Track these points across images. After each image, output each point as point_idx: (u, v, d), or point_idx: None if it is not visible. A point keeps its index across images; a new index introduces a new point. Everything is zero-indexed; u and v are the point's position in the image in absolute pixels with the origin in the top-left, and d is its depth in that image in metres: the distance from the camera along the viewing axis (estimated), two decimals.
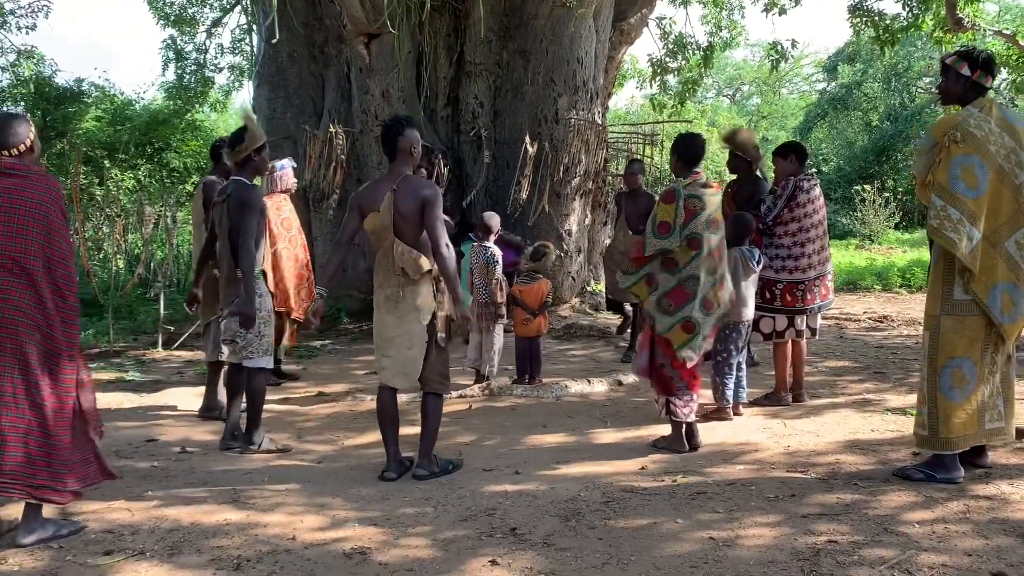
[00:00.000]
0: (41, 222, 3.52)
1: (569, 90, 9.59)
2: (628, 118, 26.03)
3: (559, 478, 4.38)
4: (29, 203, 3.50)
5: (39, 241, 3.51)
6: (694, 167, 4.79)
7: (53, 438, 3.52)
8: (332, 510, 3.95)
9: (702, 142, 4.94)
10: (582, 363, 7.65)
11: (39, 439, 3.49)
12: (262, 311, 4.86)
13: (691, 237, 4.62)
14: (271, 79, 10.21)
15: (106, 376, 7.11)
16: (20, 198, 3.50)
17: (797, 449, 4.79)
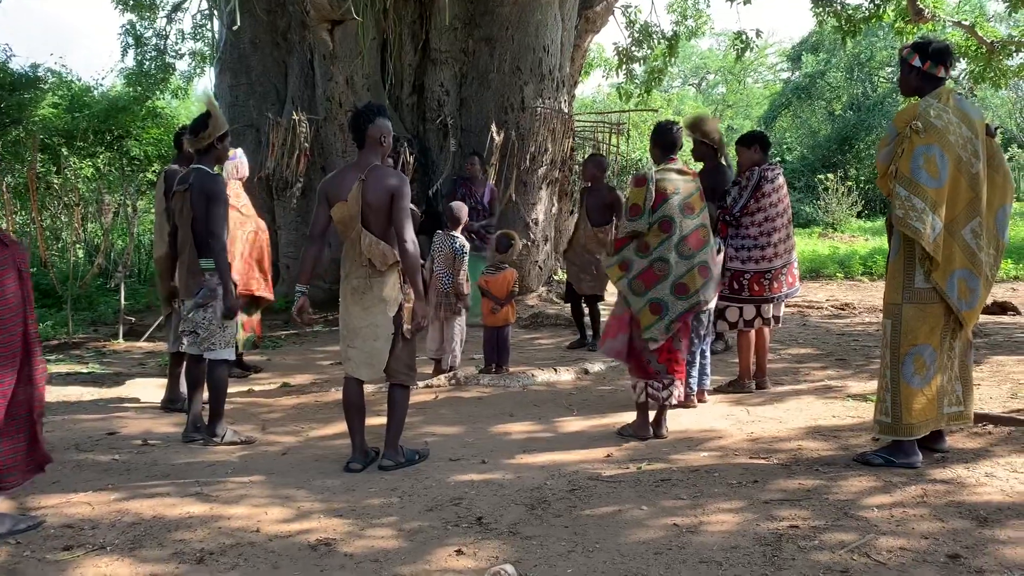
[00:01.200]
0: None
1: (535, 78, 9.58)
2: (594, 106, 26.09)
3: (525, 467, 4.39)
4: None
5: None
6: (670, 154, 4.85)
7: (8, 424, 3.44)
8: (297, 502, 3.92)
9: (679, 130, 4.98)
10: (549, 352, 7.67)
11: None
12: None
13: (662, 220, 4.67)
14: (233, 66, 10.07)
15: (65, 368, 6.99)
16: None
17: (760, 436, 4.85)
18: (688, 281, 4.70)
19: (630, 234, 4.74)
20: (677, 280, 4.68)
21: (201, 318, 4.76)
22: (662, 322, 4.67)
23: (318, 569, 3.16)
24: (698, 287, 4.73)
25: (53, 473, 4.32)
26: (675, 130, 4.94)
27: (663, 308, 4.67)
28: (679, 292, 4.69)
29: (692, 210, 4.74)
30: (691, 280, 4.71)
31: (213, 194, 4.70)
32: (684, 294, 4.70)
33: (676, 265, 4.67)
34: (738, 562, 3.11)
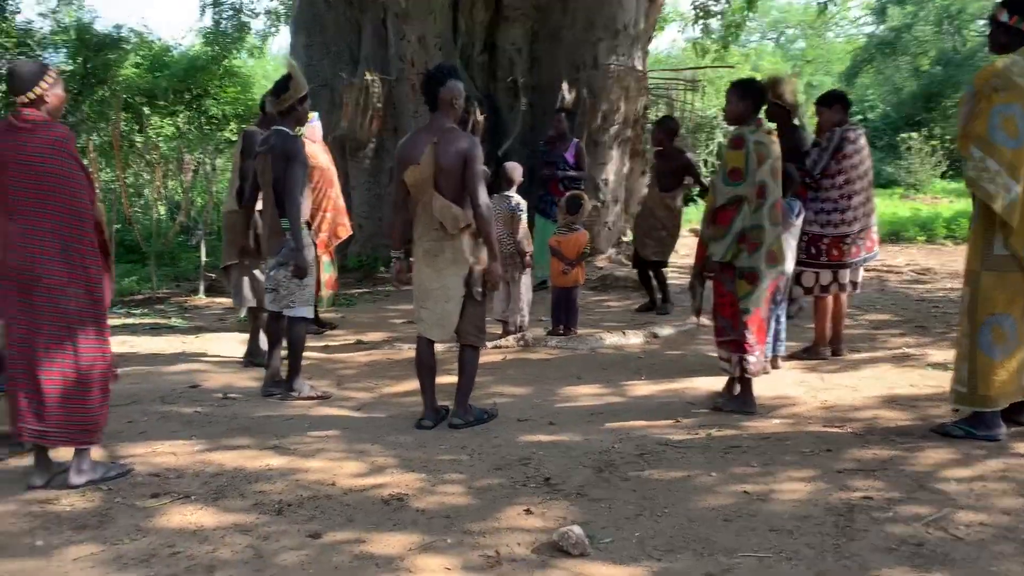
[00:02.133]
0: (55, 173, 3.49)
1: (609, 35, 9.41)
2: (669, 62, 25.53)
3: (593, 429, 4.41)
4: (39, 156, 3.48)
5: (58, 192, 3.49)
6: (758, 112, 4.62)
7: (87, 387, 3.59)
8: (371, 456, 4.02)
9: (765, 86, 4.82)
10: (617, 315, 7.64)
11: (74, 390, 3.56)
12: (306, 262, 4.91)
13: (760, 185, 4.45)
14: (307, 25, 10.16)
15: (150, 322, 7.27)
16: (30, 152, 3.47)
17: (834, 404, 4.76)
18: (776, 249, 4.54)
19: (734, 200, 4.47)
20: (769, 248, 4.50)
21: (282, 276, 4.89)
22: (757, 291, 4.51)
23: (391, 523, 3.25)
24: (785, 255, 4.60)
25: (139, 424, 4.55)
26: (764, 87, 4.73)
27: (759, 277, 4.50)
28: (770, 260, 4.51)
29: (778, 174, 4.54)
30: (778, 247, 4.55)
31: (292, 155, 4.79)
32: (774, 263, 4.53)
33: (769, 232, 4.49)
34: (809, 532, 3.09)
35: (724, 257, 4.51)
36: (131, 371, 5.67)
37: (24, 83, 3.51)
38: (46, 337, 3.51)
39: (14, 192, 3.50)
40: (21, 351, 3.54)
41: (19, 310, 3.53)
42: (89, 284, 3.57)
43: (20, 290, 3.52)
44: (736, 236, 4.48)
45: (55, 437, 3.58)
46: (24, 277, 3.51)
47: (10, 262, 3.53)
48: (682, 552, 2.96)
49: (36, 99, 3.53)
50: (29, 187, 3.49)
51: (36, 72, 3.56)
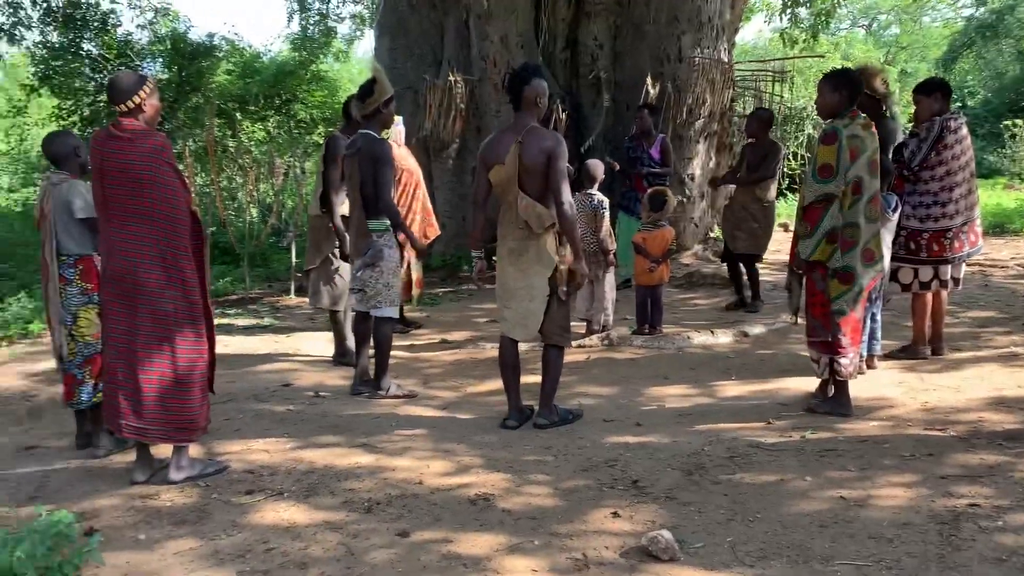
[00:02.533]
0: (153, 181, 3.60)
1: (693, 27, 9.24)
2: (756, 53, 24.91)
3: (681, 431, 4.34)
4: (138, 164, 3.58)
5: (156, 199, 3.60)
6: (853, 104, 4.39)
7: (185, 386, 3.71)
8: (457, 456, 4.05)
9: (861, 77, 4.58)
10: (705, 313, 7.50)
11: (172, 389, 3.68)
12: (391, 263, 4.97)
13: (855, 180, 4.28)
14: (391, 28, 10.29)
15: (243, 322, 7.49)
16: (129, 160, 3.59)
17: (936, 405, 4.56)
18: (874, 246, 4.35)
19: (823, 197, 4.32)
20: (865, 246, 4.32)
21: (368, 276, 4.97)
22: (852, 292, 4.34)
23: (478, 523, 3.25)
24: (882, 252, 4.41)
25: (235, 421, 4.69)
26: (860, 78, 4.49)
27: (854, 277, 4.33)
28: (867, 259, 4.33)
29: (876, 168, 4.34)
30: (876, 246, 4.36)
31: (379, 157, 4.86)
32: (871, 261, 4.35)
33: (865, 230, 4.31)
34: (911, 540, 2.96)
35: (811, 256, 4.37)
36: (227, 370, 5.85)
37: (123, 93, 3.64)
38: (145, 338, 3.65)
39: (114, 200, 3.64)
40: (121, 351, 3.69)
41: (120, 312, 3.68)
42: (185, 287, 3.69)
43: (121, 293, 3.67)
44: (825, 234, 4.33)
45: (154, 434, 3.72)
46: (125, 281, 3.65)
47: (111, 266, 3.68)
48: (776, 559, 2.87)
49: (134, 108, 3.66)
50: (128, 194, 3.61)
51: (135, 82, 3.68)
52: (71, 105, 14.22)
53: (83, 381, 4.27)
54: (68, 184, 4.22)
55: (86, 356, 4.25)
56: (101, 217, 3.73)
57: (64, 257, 4.21)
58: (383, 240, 4.97)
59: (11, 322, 7.05)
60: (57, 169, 4.31)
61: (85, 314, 4.22)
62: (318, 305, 6.06)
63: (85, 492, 3.70)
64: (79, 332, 4.23)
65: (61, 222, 4.18)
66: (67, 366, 4.27)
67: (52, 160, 4.33)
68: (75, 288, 4.22)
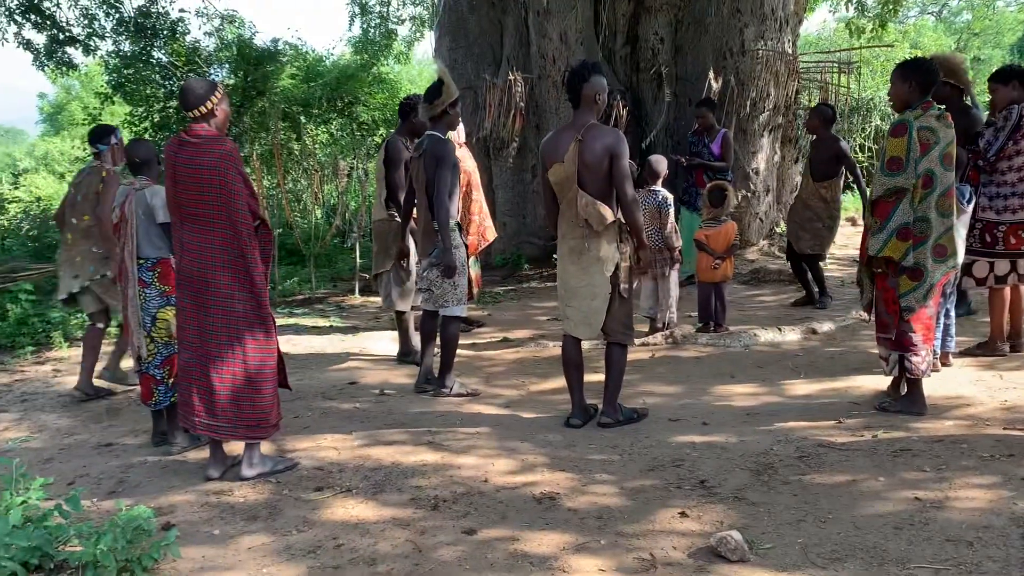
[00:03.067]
0: (222, 186, 3.67)
1: (756, 19, 9.09)
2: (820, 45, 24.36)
3: (749, 430, 4.27)
4: (208, 169, 3.67)
5: (223, 206, 3.68)
6: (926, 95, 4.27)
7: (256, 385, 3.80)
8: (521, 454, 4.05)
9: (936, 67, 4.36)
10: (771, 310, 7.36)
11: (244, 387, 3.77)
12: (457, 263, 5.01)
13: (925, 174, 4.17)
14: (451, 29, 10.36)
15: (310, 322, 7.63)
16: (200, 165, 3.68)
17: (1016, 404, 4.39)
18: (947, 242, 4.23)
19: (892, 191, 4.22)
20: (936, 241, 4.21)
21: (435, 276, 5.02)
22: (921, 289, 4.24)
23: (543, 522, 3.26)
24: (956, 247, 4.26)
25: (303, 419, 4.78)
26: (935, 68, 4.31)
27: (923, 273, 4.22)
28: (938, 255, 4.22)
29: (951, 161, 4.20)
30: (949, 241, 4.23)
31: (441, 157, 4.89)
32: (943, 256, 4.23)
33: (936, 225, 4.20)
34: (991, 543, 2.86)
35: (881, 251, 4.26)
36: (295, 369, 5.97)
37: (196, 99, 3.73)
38: (217, 337, 3.75)
39: (186, 203, 3.74)
40: (195, 350, 3.80)
41: (192, 312, 3.79)
42: (254, 289, 3.77)
43: (193, 293, 3.77)
44: (895, 230, 4.22)
45: (227, 431, 3.82)
46: (195, 282, 3.76)
47: (184, 267, 3.79)
48: (849, 561, 2.81)
49: (206, 113, 3.75)
50: (199, 199, 3.71)
51: (206, 88, 3.77)
52: (142, 112, 14.66)
53: (162, 381, 4.40)
54: (151, 189, 4.35)
55: (165, 356, 4.38)
56: (174, 220, 3.84)
57: (143, 260, 4.34)
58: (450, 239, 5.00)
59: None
60: (136, 175, 4.45)
61: (163, 315, 4.35)
62: (391, 307, 6.11)
63: (162, 488, 3.82)
64: (158, 333, 4.36)
65: (143, 226, 4.32)
66: (146, 367, 4.40)
67: (134, 165, 4.46)
68: (154, 291, 4.35)
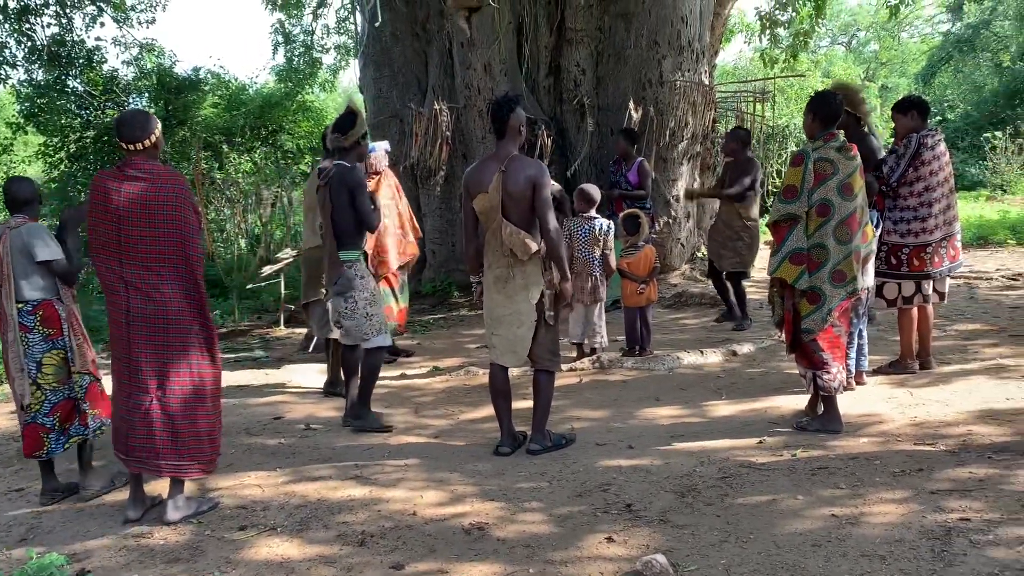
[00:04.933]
0: (179, 221, 3.59)
1: (674, 51, 9.35)
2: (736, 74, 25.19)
3: (673, 452, 4.35)
4: (164, 204, 3.58)
5: (177, 241, 3.60)
6: (829, 127, 4.48)
7: (191, 419, 3.72)
8: (450, 485, 4.05)
9: (840, 100, 4.57)
10: (695, 332, 7.53)
11: (180, 421, 3.69)
12: (365, 292, 4.97)
13: (820, 203, 4.38)
14: (376, 58, 10.37)
15: (234, 355, 7.47)
16: (152, 200, 3.57)
17: (925, 420, 4.58)
18: (845, 268, 4.42)
19: (785, 218, 4.43)
20: (835, 267, 4.40)
21: (343, 308, 4.98)
22: (820, 312, 4.42)
23: (472, 553, 3.25)
24: (855, 273, 4.45)
25: (227, 456, 4.67)
26: (837, 101, 4.54)
27: (821, 297, 4.41)
28: (836, 280, 4.41)
29: (851, 191, 4.41)
30: (848, 267, 4.42)
31: (356, 184, 4.88)
32: (842, 282, 4.42)
33: (834, 251, 4.39)
34: (903, 556, 2.98)
35: (776, 272, 4.48)
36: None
37: (142, 131, 3.59)
38: (180, 378, 3.67)
39: (135, 241, 3.58)
40: (143, 387, 3.67)
41: (142, 349, 3.64)
42: (207, 323, 3.72)
43: (149, 334, 3.63)
44: (788, 254, 4.43)
45: (170, 466, 3.71)
46: (153, 321, 3.62)
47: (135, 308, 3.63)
48: None
49: (150, 147, 3.61)
50: (152, 235, 3.57)
51: (150, 120, 3.64)
52: (57, 142, 14.25)
53: (52, 429, 4.10)
54: (27, 227, 4.06)
55: (54, 403, 4.10)
56: (112, 259, 3.65)
57: (22, 304, 4.05)
58: (353, 270, 4.97)
59: None
60: (14, 213, 4.14)
61: (50, 360, 4.08)
62: (329, 336, 6.00)
63: (76, 533, 3.69)
64: (45, 379, 4.07)
65: (20, 267, 4.03)
66: (32, 416, 4.08)
67: (13, 204, 4.14)
68: (37, 335, 4.06)
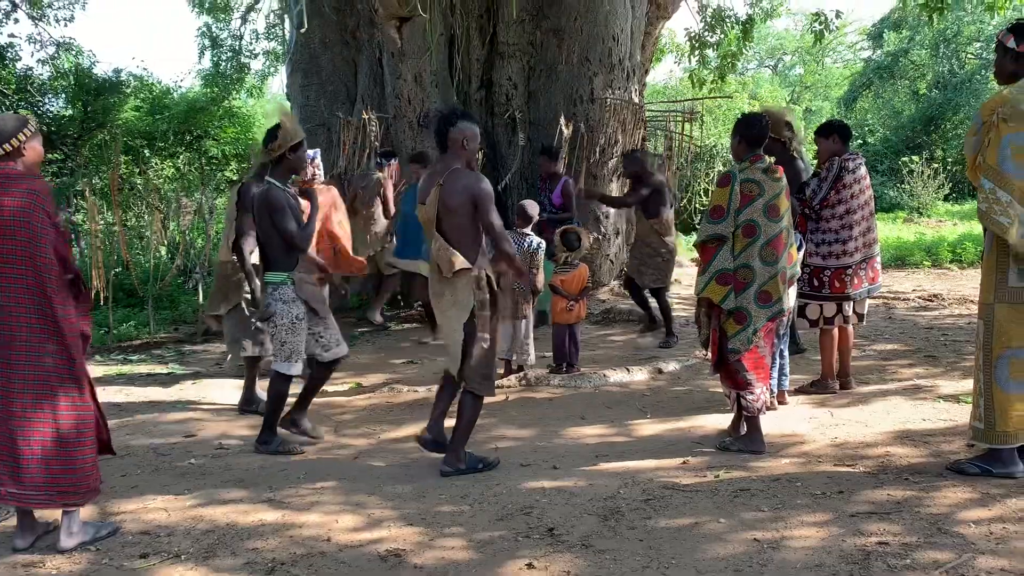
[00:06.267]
0: (27, 228, 3.36)
1: (605, 69, 9.39)
2: (667, 93, 25.63)
3: (598, 473, 4.29)
4: (12, 210, 3.35)
5: (27, 250, 3.37)
6: (755, 149, 4.53)
7: (70, 447, 3.46)
8: (368, 509, 3.90)
9: (765, 122, 4.62)
10: (622, 349, 7.52)
11: (55, 450, 3.43)
12: (286, 318, 4.76)
13: (746, 224, 4.41)
14: (304, 66, 10.16)
15: (146, 369, 7.16)
16: (2, 206, 3.35)
17: (845, 441, 4.63)
18: (771, 288, 4.44)
19: (713, 239, 4.45)
20: (761, 288, 4.42)
21: (269, 331, 4.83)
22: (746, 332, 4.43)
23: None
24: (781, 294, 4.49)
25: (131, 477, 4.44)
26: (763, 123, 4.58)
27: (747, 317, 4.43)
28: (762, 300, 4.43)
29: (777, 212, 4.44)
30: (774, 287, 4.45)
31: (272, 207, 4.66)
32: (767, 302, 4.44)
33: (760, 272, 4.41)
34: None
35: (702, 292, 4.50)
36: (127, 420, 5.57)
37: (1, 135, 3.41)
38: (23, 397, 3.40)
39: None
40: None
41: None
42: (64, 342, 3.45)
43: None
44: (716, 274, 4.45)
45: (38, 499, 3.46)
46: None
47: None
48: None
49: (11, 152, 3.43)
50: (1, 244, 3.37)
51: (15, 125, 3.47)
52: None
53: None
54: None
55: None
56: None
57: None
58: (276, 294, 4.75)
59: None
60: None
61: None
62: (240, 354, 5.82)
63: None
64: None
65: None
66: None
67: None
68: None
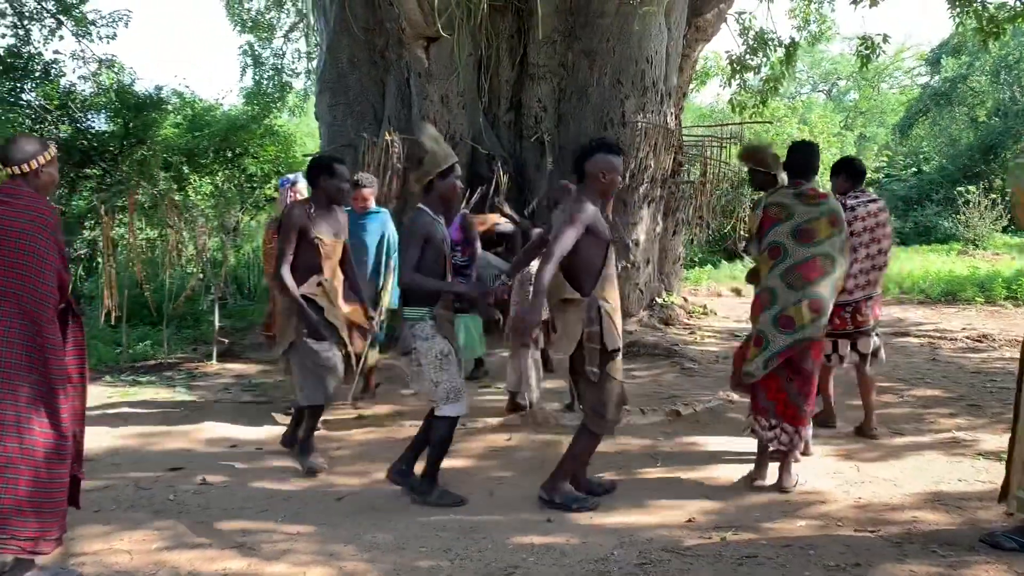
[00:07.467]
0: (29, 252, 3.28)
1: (637, 91, 9.08)
2: (714, 117, 25.18)
3: (594, 529, 3.96)
4: (16, 232, 3.28)
5: (30, 272, 3.28)
6: (796, 177, 4.50)
7: (46, 483, 3.29)
8: (341, 560, 3.64)
9: (807, 150, 4.58)
10: (642, 386, 7.14)
11: (30, 485, 3.26)
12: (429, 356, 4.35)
13: (772, 246, 4.34)
14: (332, 85, 10.03)
15: (151, 393, 6.99)
16: (10, 227, 3.28)
17: (869, 502, 4.23)
18: (794, 314, 4.22)
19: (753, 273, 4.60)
20: (782, 312, 4.23)
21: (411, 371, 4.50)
22: (761, 356, 4.26)
23: None
24: (806, 322, 4.20)
25: (106, 513, 4.23)
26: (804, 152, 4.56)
27: (764, 341, 4.27)
28: (783, 325, 4.23)
29: (809, 237, 4.29)
30: (798, 313, 4.21)
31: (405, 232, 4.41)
32: (789, 328, 4.21)
33: (782, 295, 4.25)
34: None
35: None
36: (118, 447, 5.40)
37: (21, 155, 3.37)
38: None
39: None
40: None
41: None
42: (48, 373, 3.30)
43: None
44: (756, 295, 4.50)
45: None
46: None
47: None
48: None
49: (28, 173, 3.38)
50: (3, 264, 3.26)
51: (36, 147, 3.43)
52: None
53: None
54: None
55: None
56: None
57: None
58: (415, 330, 4.32)
59: None
60: None
61: None
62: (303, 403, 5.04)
63: None
64: None
65: None
66: None
67: None
68: None
